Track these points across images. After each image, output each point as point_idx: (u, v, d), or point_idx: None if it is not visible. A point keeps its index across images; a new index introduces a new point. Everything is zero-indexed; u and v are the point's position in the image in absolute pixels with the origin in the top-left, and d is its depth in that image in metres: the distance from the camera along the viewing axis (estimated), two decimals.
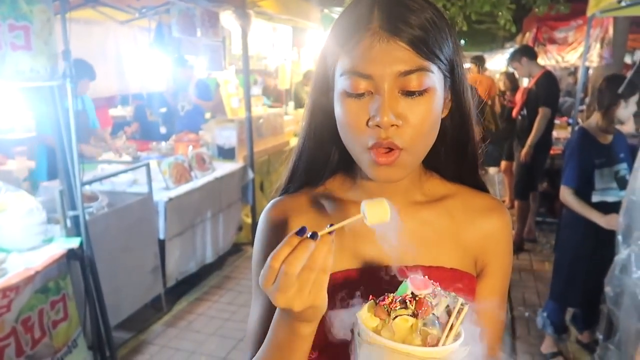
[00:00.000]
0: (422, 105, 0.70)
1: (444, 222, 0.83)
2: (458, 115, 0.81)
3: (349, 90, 0.71)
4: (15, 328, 2.18)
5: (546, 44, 5.93)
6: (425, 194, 0.85)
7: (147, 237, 3.43)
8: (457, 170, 0.86)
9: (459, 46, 0.78)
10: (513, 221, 5.08)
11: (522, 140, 4.67)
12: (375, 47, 0.69)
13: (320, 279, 0.63)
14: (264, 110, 5.54)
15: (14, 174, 4.22)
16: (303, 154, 0.87)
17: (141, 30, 5.31)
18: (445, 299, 0.64)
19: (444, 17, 0.75)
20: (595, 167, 2.73)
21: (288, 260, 0.61)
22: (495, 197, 0.88)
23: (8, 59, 2.06)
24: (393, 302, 0.63)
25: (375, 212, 0.66)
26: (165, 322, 3.47)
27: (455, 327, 0.62)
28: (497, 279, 0.84)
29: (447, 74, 0.75)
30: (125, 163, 4.16)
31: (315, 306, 0.65)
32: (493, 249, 0.83)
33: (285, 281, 0.61)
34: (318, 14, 6.11)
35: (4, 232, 2.37)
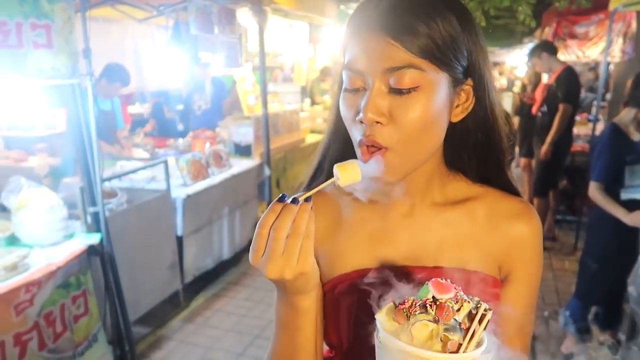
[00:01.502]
0: (411, 103, 0.68)
1: (465, 225, 0.81)
2: (481, 117, 0.78)
3: (346, 86, 0.73)
4: (37, 322, 2.22)
5: (566, 39, 5.81)
6: (446, 195, 0.82)
7: (165, 234, 3.46)
8: (482, 172, 0.84)
9: (480, 48, 0.74)
10: None
11: (542, 137, 4.59)
12: (367, 44, 0.69)
13: (306, 246, 0.65)
14: (280, 107, 5.55)
15: (35, 171, 4.29)
16: (328, 151, 0.87)
17: (159, 28, 5.34)
18: (468, 304, 0.61)
19: (462, 18, 0.71)
20: (626, 164, 2.68)
21: (275, 225, 0.63)
22: (524, 200, 0.84)
23: (30, 57, 2.08)
24: (413, 306, 0.61)
25: (347, 173, 0.68)
26: (183, 318, 3.50)
27: (478, 333, 0.59)
28: (524, 286, 0.80)
29: (460, 75, 0.73)
30: (143, 160, 4.20)
31: (305, 272, 0.66)
32: (519, 255, 0.80)
33: (274, 246, 0.63)
34: (334, 10, 6.09)
35: (27, 227, 2.41)
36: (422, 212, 0.82)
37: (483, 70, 0.75)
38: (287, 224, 0.63)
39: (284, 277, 0.64)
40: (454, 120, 0.75)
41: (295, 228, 0.64)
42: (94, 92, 2.45)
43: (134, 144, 4.75)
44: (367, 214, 0.83)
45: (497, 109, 0.79)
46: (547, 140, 4.45)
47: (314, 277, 0.70)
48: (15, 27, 1.99)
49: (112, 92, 4.34)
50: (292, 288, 0.69)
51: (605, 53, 4.14)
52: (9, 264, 2.14)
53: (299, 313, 0.73)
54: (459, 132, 0.78)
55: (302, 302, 0.72)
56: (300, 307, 0.72)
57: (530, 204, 0.84)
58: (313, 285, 0.71)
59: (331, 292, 0.81)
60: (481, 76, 0.75)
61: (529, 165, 5.45)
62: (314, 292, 0.73)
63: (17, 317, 2.11)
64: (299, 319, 0.73)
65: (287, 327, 0.75)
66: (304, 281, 0.68)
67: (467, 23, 0.72)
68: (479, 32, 0.75)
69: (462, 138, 0.79)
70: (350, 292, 0.79)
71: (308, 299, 0.72)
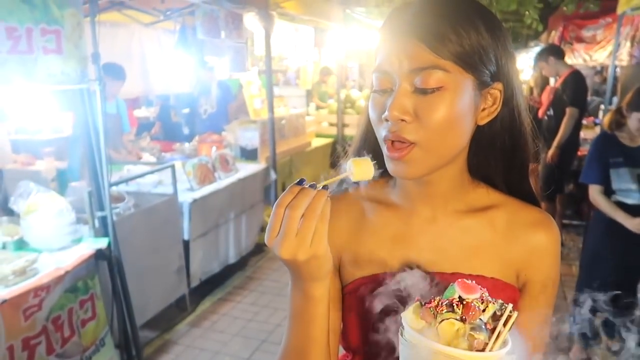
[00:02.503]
0: (436, 102, 0.70)
1: (485, 232, 0.82)
2: (507, 123, 0.80)
3: (375, 87, 0.76)
4: (46, 326, 2.22)
5: (573, 43, 5.80)
6: (468, 202, 0.84)
7: (171, 238, 3.46)
8: (506, 179, 0.85)
9: (508, 52, 0.76)
10: None
11: (549, 141, 4.57)
12: (395, 46, 0.72)
13: (320, 229, 0.66)
14: (286, 111, 5.55)
15: (42, 174, 4.31)
16: (360, 150, 0.88)
17: (165, 32, 5.37)
18: (493, 305, 0.63)
19: (489, 23, 0.73)
20: (610, 166, 2.70)
21: (291, 204, 0.64)
22: (544, 210, 0.85)
23: (40, 62, 2.09)
24: (439, 305, 0.62)
25: (361, 169, 0.70)
26: (190, 322, 3.50)
27: (503, 334, 0.61)
28: (541, 294, 0.82)
29: (487, 79, 0.74)
30: (150, 164, 4.20)
31: (318, 256, 0.67)
32: (537, 264, 0.81)
33: (289, 225, 0.64)
34: (340, 14, 6.10)
35: (35, 232, 2.42)
36: (444, 219, 0.83)
37: (511, 75, 0.77)
38: (302, 204, 0.64)
39: (297, 258, 0.65)
40: (480, 123, 0.77)
41: (311, 210, 0.65)
42: (103, 95, 2.46)
43: (141, 148, 4.76)
44: (390, 218, 0.85)
45: (524, 114, 0.81)
46: (553, 144, 4.44)
47: (327, 263, 0.71)
48: (26, 32, 2.00)
49: (114, 91, 4.30)
50: (305, 272, 0.70)
51: (613, 57, 4.13)
52: (17, 268, 2.14)
53: (312, 302, 0.73)
54: (486, 135, 0.80)
55: (315, 290, 0.73)
56: (313, 296, 0.73)
57: (549, 214, 0.85)
58: (325, 272, 0.72)
59: (353, 294, 0.83)
60: (509, 81, 0.77)
61: (536, 169, 5.43)
62: (326, 281, 0.74)
63: (25, 321, 2.11)
64: (312, 307, 0.74)
65: (301, 316, 0.76)
66: (316, 265, 0.69)
67: (496, 30, 0.74)
68: (508, 38, 0.77)
69: (489, 142, 0.81)
70: (372, 295, 0.80)
71: (321, 287, 0.73)
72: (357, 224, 0.87)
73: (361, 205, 0.87)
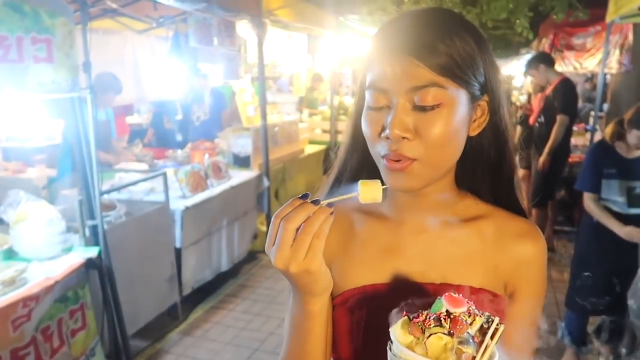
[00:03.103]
0: (435, 119, 0.72)
1: (473, 243, 0.82)
2: (493, 133, 0.82)
3: (370, 104, 0.76)
4: (35, 337, 2.20)
5: (563, 51, 5.86)
6: (457, 213, 0.84)
7: (163, 246, 3.44)
8: (493, 190, 0.86)
9: (494, 66, 0.78)
10: None
11: (540, 148, 4.61)
12: (391, 63, 0.72)
13: (315, 245, 0.67)
14: (279, 118, 5.56)
15: (33, 182, 4.27)
16: (347, 164, 0.89)
17: (159, 40, 5.37)
18: (480, 318, 0.63)
19: (477, 38, 0.76)
20: (602, 177, 2.76)
21: (287, 217, 0.66)
22: (530, 221, 0.86)
23: (30, 71, 2.09)
24: (427, 319, 0.62)
25: (369, 191, 0.71)
26: (182, 331, 3.47)
27: (491, 347, 0.61)
28: (528, 304, 0.82)
29: (478, 92, 0.76)
30: (142, 172, 4.19)
31: (311, 271, 0.68)
32: (525, 274, 0.82)
33: (283, 237, 0.66)
34: (333, 22, 6.13)
35: (25, 241, 2.40)
36: (433, 229, 0.84)
37: (497, 87, 0.79)
38: (299, 217, 0.66)
39: (289, 270, 0.67)
40: (471, 134, 0.79)
41: (309, 224, 0.66)
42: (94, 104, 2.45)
43: (133, 154, 4.74)
44: (379, 229, 0.86)
45: (510, 125, 0.83)
46: (544, 151, 4.47)
47: (322, 280, 0.72)
48: (16, 41, 2.00)
49: (107, 103, 4.30)
50: (299, 285, 0.72)
51: (603, 64, 4.17)
52: (6, 278, 2.12)
53: (308, 316, 0.75)
54: (474, 147, 0.82)
55: (312, 304, 0.74)
56: (309, 310, 0.75)
57: (536, 225, 0.86)
58: (321, 289, 0.74)
59: (342, 306, 0.83)
60: (496, 93, 0.79)
61: (528, 177, 5.47)
62: (324, 297, 0.75)
63: (14, 332, 2.09)
64: (308, 322, 0.75)
65: (298, 329, 0.77)
66: (309, 280, 0.70)
67: (482, 42, 0.77)
68: (491, 51, 0.79)
69: (476, 153, 0.82)
70: (361, 306, 0.81)
71: (317, 303, 0.74)
72: (346, 235, 0.87)
73: (350, 217, 0.88)
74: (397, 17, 0.77)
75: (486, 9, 4.69)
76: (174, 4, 3.26)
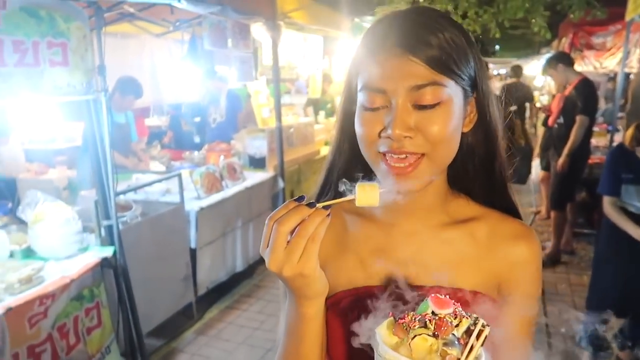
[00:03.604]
0: (436, 117, 0.71)
1: (466, 245, 0.82)
2: (483, 130, 0.81)
3: (365, 105, 0.75)
4: (51, 334, 2.25)
5: (583, 50, 5.75)
6: (449, 214, 0.84)
7: (178, 246, 3.49)
8: (486, 190, 0.86)
9: (482, 63, 0.78)
10: (549, 232, 4.93)
11: (559, 149, 4.53)
12: (388, 63, 0.72)
13: (310, 248, 0.66)
14: (294, 120, 5.58)
15: (54, 183, 4.37)
16: (334, 168, 0.89)
17: (175, 43, 5.44)
18: (467, 320, 0.63)
19: (466, 35, 0.76)
20: (622, 182, 2.76)
21: (280, 219, 0.65)
22: (525, 223, 0.85)
23: (46, 74, 2.14)
24: (412, 320, 0.62)
25: (365, 195, 0.69)
26: (196, 330, 3.51)
27: (476, 348, 0.60)
28: (522, 307, 0.81)
29: (469, 88, 0.76)
30: (158, 173, 4.25)
31: (305, 275, 0.67)
32: (519, 277, 0.81)
33: (276, 239, 0.65)
34: (349, 23, 6.13)
35: (42, 241, 2.46)
36: (425, 231, 0.83)
37: (485, 83, 0.79)
38: (292, 221, 0.65)
39: (283, 273, 0.66)
40: (464, 130, 0.79)
41: (303, 227, 0.65)
42: (108, 106, 2.50)
43: (151, 156, 4.81)
44: (371, 231, 0.85)
45: (499, 122, 0.82)
46: (564, 152, 4.39)
47: (317, 283, 0.72)
48: (32, 46, 2.05)
49: (126, 105, 4.40)
50: (293, 288, 0.71)
51: (623, 64, 4.09)
52: (23, 276, 2.18)
53: (302, 319, 0.75)
54: (464, 145, 0.81)
55: (306, 308, 0.74)
56: (304, 314, 0.74)
57: (530, 226, 0.85)
58: (316, 293, 0.73)
59: (335, 307, 0.83)
60: (484, 90, 0.79)
61: (547, 178, 5.38)
62: (318, 301, 0.75)
63: (30, 329, 2.14)
64: (303, 325, 0.75)
65: (292, 332, 0.77)
66: (303, 283, 0.70)
67: (470, 39, 0.77)
68: (478, 49, 0.79)
69: (467, 151, 0.82)
70: (353, 308, 0.80)
71: (312, 307, 0.74)
72: (338, 237, 0.87)
73: (343, 218, 0.88)
74: (384, 17, 0.77)
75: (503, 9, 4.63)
76: (189, 7, 3.30)
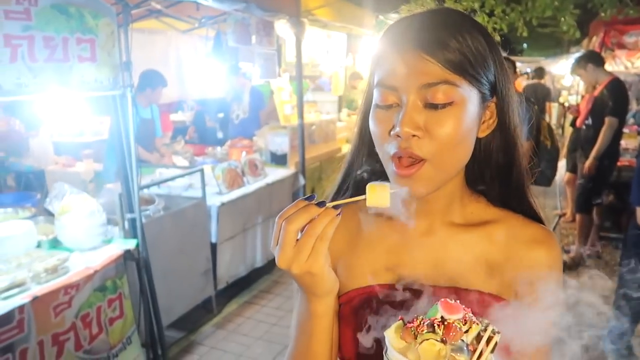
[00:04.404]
0: (446, 117, 0.70)
1: (483, 247, 0.81)
2: (502, 137, 0.80)
3: (378, 102, 0.74)
4: (75, 323, 2.31)
5: (614, 49, 5.59)
6: (466, 216, 0.83)
7: (199, 240, 3.54)
8: (504, 194, 0.84)
9: (504, 68, 0.77)
10: (574, 235, 4.83)
11: (586, 151, 4.43)
12: (401, 60, 0.71)
13: (318, 247, 0.67)
14: (316, 117, 5.58)
15: (81, 176, 4.49)
16: (352, 167, 0.89)
17: (200, 39, 5.50)
18: (477, 326, 0.62)
19: (488, 38, 0.75)
20: None
21: (289, 218, 0.66)
22: (546, 227, 0.83)
23: (75, 70, 2.19)
24: (421, 325, 0.62)
25: (375, 195, 0.69)
26: (215, 324, 3.56)
27: (485, 355, 0.60)
28: (540, 312, 0.78)
29: (487, 93, 0.75)
30: (181, 168, 4.31)
31: (313, 273, 0.68)
32: (537, 281, 0.78)
33: (285, 238, 0.66)
34: (372, 21, 6.10)
35: (68, 232, 2.52)
36: (441, 232, 0.82)
37: (506, 89, 0.77)
38: (300, 219, 0.66)
39: (292, 271, 0.68)
40: (480, 135, 0.77)
41: (311, 227, 0.66)
42: (134, 101, 2.55)
43: (174, 151, 4.89)
44: (386, 230, 0.85)
45: (519, 128, 0.80)
46: (591, 154, 4.29)
47: (326, 282, 0.72)
48: (62, 42, 2.10)
49: (155, 97, 4.46)
50: (302, 285, 0.72)
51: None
52: (50, 266, 2.24)
53: (312, 316, 0.75)
54: (482, 149, 0.80)
55: (316, 305, 0.74)
56: (314, 311, 0.75)
57: (551, 231, 0.83)
58: (325, 291, 0.73)
59: (347, 305, 0.83)
60: (505, 95, 0.77)
61: (573, 180, 5.27)
62: (328, 299, 0.75)
63: (55, 317, 2.20)
64: (312, 322, 0.76)
65: (303, 329, 0.78)
66: (311, 281, 0.70)
67: (492, 43, 0.75)
68: (501, 52, 0.77)
69: (484, 156, 0.81)
70: (365, 307, 0.80)
71: (322, 305, 0.74)
72: (353, 235, 0.87)
73: (358, 216, 0.87)
74: (406, 16, 0.76)
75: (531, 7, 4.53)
76: (214, 4, 3.34)
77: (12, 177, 4.75)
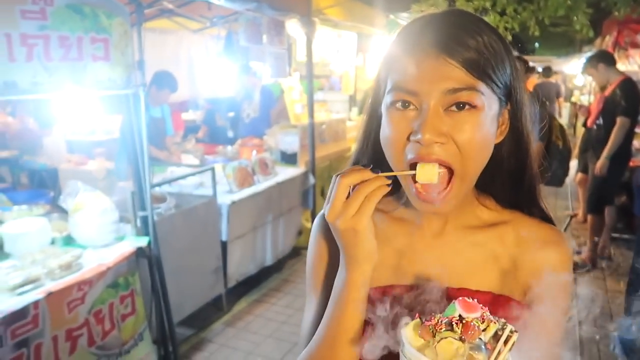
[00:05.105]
0: (468, 123, 0.69)
1: (494, 248, 0.81)
2: (514, 143, 0.79)
3: (395, 106, 0.73)
4: (88, 319, 2.34)
5: (628, 49, 5.53)
6: (478, 217, 0.83)
7: (210, 238, 3.56)
8: (514, 197, 0.84)
9: (518, 71, 0.76)
10: (586, 236, 4.79)
11: (597, 151, 4.39)
12: (423, 64, 0.70)
13: (365, 206, 0.69)
14: (327, 116, 5.59)
15: (93, 174, 4.53)
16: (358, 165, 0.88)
17: (212, 38, 5.53)
18: (495, 325, 0.62)
19: (503, 41, 0.74)
20: None
21: (344, 173, 0.70)
22: (557, 228, 0.83)
23: (89, 69, 2.21)
24: (439, 323, 0.62)
25: (424, 171, 0.71)
26: (225, 322, 3.58)
27: (503, 354, 0.60)
28: (550, 314, 0.78)
29: (503, 98, 0.74)
30: (192, 166, 4.34)
31: (357, 230, 0.70)
32: (548, 282, 0.79)
33: (337, 191, 0.69)
34: (383, 20, 6.09)
35: (82, 229, 2.55)
36: (452, 233, 0.83)
37: (521, 93, 0.77)
38: (354, 177, 0.69)
39: (337, 224, 0.70)
40: (496, 141, 0.76)
41: (362, 186, 0.69)
42: (145, 100, 2.57)
43: (185, 150, 4.92)
44: (397, 230, 0.85)
45: (531, 135, 0.80)
46: (602, 155, 4.25)
47: (367, 243, 0.72)
48: (76, 41, 2.13)
49: (162, 99, 4.51)
50: (344, 243, 0.73)
51: None
52: (64, 263, 2.27)
53: (349, 285, 0.74)
54: (494, 155, 0.78)
55: (354, 274, 0.74)
56: (351, 279, 0.74)
57: (561, 231, 0.83)
58: (365, 255, 0.73)
59: None
60: (518, 101, 0.76)
61: (585, 181, 5.23)
62: (366, 267, 0.74)
63: (69, 313, 2.23)
64: (348, 291, 0.74)
65: (339, 300, 0.76)
66: (353, 239, 0.71)
67: (507, 46, 0.74)
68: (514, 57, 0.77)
69: (496, 162, 0.79)
70: (376, 307, 0.79)
71: (360, 273, 0.74)
72: None
73: (372, 216, 0.88)
74: (419, 17, 0.75)
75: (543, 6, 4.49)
76: (226, 4, 3.35)
77: (25, 175, 4.81)
